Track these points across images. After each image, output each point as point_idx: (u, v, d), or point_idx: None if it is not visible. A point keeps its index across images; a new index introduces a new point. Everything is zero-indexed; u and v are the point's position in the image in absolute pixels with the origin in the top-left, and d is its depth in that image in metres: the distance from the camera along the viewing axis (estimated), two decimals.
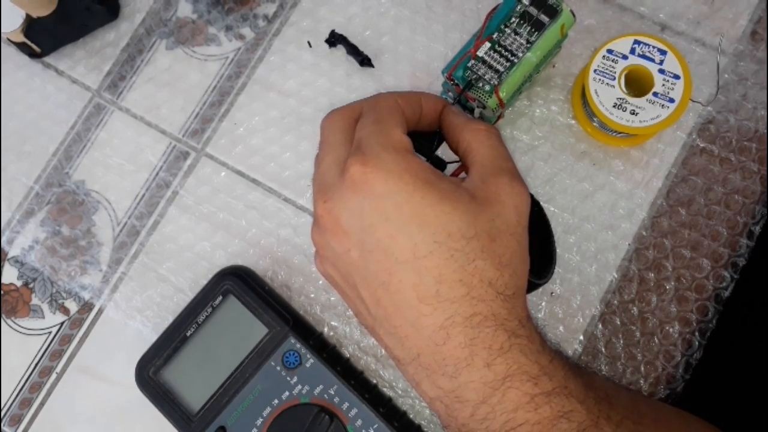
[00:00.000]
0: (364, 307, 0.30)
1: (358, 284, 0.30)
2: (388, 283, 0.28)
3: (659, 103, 0.35)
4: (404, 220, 0.28)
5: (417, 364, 0.29)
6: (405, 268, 0.28)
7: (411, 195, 0.28)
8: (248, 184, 0.42)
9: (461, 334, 0.27)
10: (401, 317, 0.28)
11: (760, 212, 0.38)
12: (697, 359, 0.37)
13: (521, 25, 0.35)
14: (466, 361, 0.27)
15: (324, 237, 0.30)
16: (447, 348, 0.28)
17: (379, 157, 0.28)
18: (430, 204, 0.28)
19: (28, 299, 0.43)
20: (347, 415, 0.36)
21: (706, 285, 0.38)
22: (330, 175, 0.30)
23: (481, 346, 0.27)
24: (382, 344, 0.31)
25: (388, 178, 0.28)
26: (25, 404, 0.42)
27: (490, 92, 0.35)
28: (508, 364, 0.27)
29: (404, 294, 0.28)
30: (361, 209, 0.28)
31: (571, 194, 0.39)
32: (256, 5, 0.45)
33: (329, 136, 0.32)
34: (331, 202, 0.29)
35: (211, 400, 0.37)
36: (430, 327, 0.28)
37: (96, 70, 0.45)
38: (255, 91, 0.43)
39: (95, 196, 0.44)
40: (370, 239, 0.28)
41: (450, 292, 0.27)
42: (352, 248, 0.29)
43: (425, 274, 0.27)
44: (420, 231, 0.28)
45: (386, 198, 0.28)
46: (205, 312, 0.38)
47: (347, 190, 0.29)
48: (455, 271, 0.27)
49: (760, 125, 0.39)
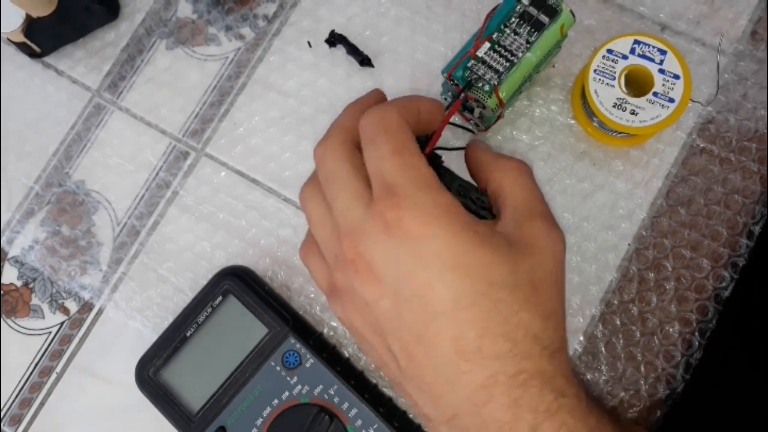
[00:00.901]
0: (393, 359, 0.28)
1: (388, 336, 0.27)
2: (424, 335, 0.26)
3: (659, 103, 0.35)
4: (444, 268, 0.25)
5: (452, 426, 0.26)
6: (444, 320, 0.25)
7: (451, 240, 0.25)
8: (248, 184, 0.42)
9: (504, 394, 0.25)
10: (437, 374, 0.26)
11: (759, 212, 0.38)
12: (697, 359, 0.37)
13: (521, 25, 0.35)
14: (509, 425, 0.25)
15: (351, 282, 0.27)
16: (488, 410, 0.25)
17: (414, 197, 0.26)
18: (471, 250, 0.25)
19: (28, 299, 0.43)
20: (347, 415, 0.36)
21: (706, 285, 0.38)
22: (353, 214, 0.27)
23: (526, 408, 0.25)
24: (410, 401, 0.28)
25: (427, 221, 0.25)
26: (25, 404, 0.42)
27: (490, 92, 0.35)
28: (555, 428, 0.25)
29: (442, 348, 0.25)
30: (397, 255, 0.26)
31: (571, 194, 0.39)
32: (256, 5, 0.45)
33: (335, 170, 0.29)
34: (363, 246, 0.26)
35: (211, 400, 0.37)
36: (469, 386, 0.25)
37: (96, 70, 0.45)
38: (255, 91, 0.43)
39: (95, 196, 0.44)
40: (406, 288, 0.26)
41: (493, 347, 0.25)
42: (384, 297, 0.26)
43: (466, 327, 0.25)
44: (461, 280, 0.25)
45: (425, 243, 0.25)
46: (205, 312, 0.38)
47: (380, 233, 0.26)
48: (499, 325, 0.25)
49: (760, 125, 0.39)
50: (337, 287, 0.29)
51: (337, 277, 0.28)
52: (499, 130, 0.40)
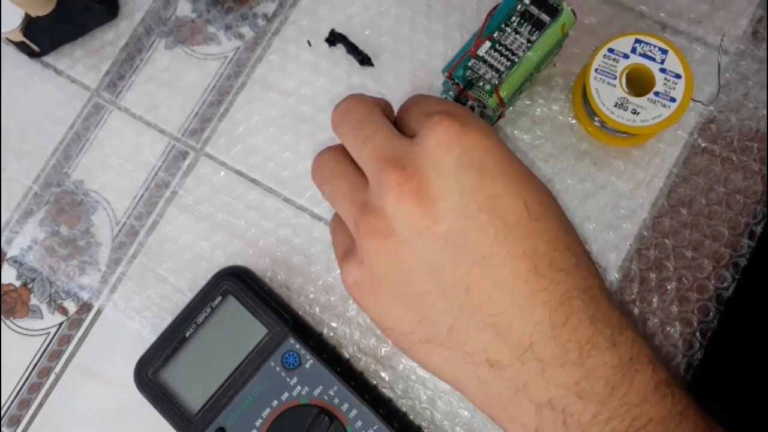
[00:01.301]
0: (440, 303, 0.25)
1: (438, 270, 0.24)
2: (492, 255, 0.23)
3: (660, 102, 0.35)
4: (512, 177, 0.24)
5: (526, 359, 0.24)
6: (516, 232, 0.23)
7: (510, 153, 0.25)
8: (248, 184, 0.42)
9: (582, 309, 0.23)
10: (506, 299, 0.24)
11: (761, 212, 0.38)
12: (698, 360, 0.37)
13: (522, 24, 0.35)
14: (591, 343, 0.23)
15: (395, 213, 0.24)
16: (568, 328, 0.23)
17: (470, 116, 0.25)
18: (526, 168, 0.25)
19: (27, 299, 0.43)
20: (347, 416, 0.35)
21: (708, 285, 0.38)
22: (395, 145, 0.25)
23: (603, 323, 0.24)
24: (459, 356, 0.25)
25: (490, 134, 0.25)
26: (24, 405, 0.41)
27: (491, 92, 0.35)
28: (629, 344, 0.24)
29: (513, 266, 0.23)
30: (458, 168, 0.24)
31: (572, 194, 0.39)
32: (256, 4, 0.44)
33: (369, 114, 0.27)
34: (413, 167, 0.24)
35: (210, 401, 0.36)
36: (547, 304, 0.23)
37: (95, 70, 0.45)
38: (254, 91, 0.43)
39: (94, 196, 0.44)
40: (471, 202, 0.23)
41: (562, 261, 0.24)
42: (440, 219, 0.24)
43: (538, 240, 0.24)
44: (528, 190, 0.24)
45: (490, 153, 0.24)
46: (204, 312, 0.38)
47: (436, 148, 0.24)
48: (564, 238, 0.24)
49: (761, 125, 0.39)
50: (362, 238, 0.25)
51: (366, 222, 0.25)
52: (499, 129, 0.40)
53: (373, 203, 0.25)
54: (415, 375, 0.38)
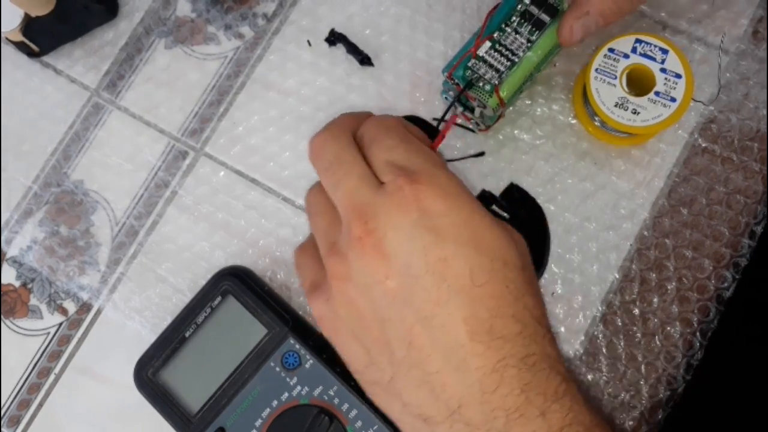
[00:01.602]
0: (385, 352, 0.26)
1: (387, 321, 0.25)
2: (433, 316, 0.24)
3: (661, 102, 0.35)
4: (462, 242, 0.24)
5: (455, 420, 0.24)
6: (458, 298, 0.24)
7: (469, 215, 0.25)
8: (247, 184, 0.42)
9: (515, 377, 0.24)
10: (442, 360, 0.24)
11: (761, 212, 0.38)
12: (698, 360, 0.37)
13: (522, 24, 0.35)
14: (519, 411, 0.24)
15: (354, 264, 0.26)
16: (498, 395, 0.24)
17: (432, 174, 0.26)
18: (488, 227, 0.25)
19: (27, 300, 0.43)
20: (347, 417, 0.35)
21: (708, 285, 0.37)
22: (363, 193, 0.26)
23: (536, 392, 0.24)
24: (398, 404, 0.26)
25: (447, 196, 0.25)
26: (23, 405, 0.41)
27: (491, 92, 0.35)
28: (563, 412, 0.24)
29: (452, 329, 0.24)
30: (412, 230, 0.25)
31: (573, 194, 0.39)
32: (256, 4, 0.44)
33: (340, 154, 0.28)
34: (374, 222, 0.25)
35: (210, 401, 0.36)
36: (480, 370, 0.24)
37: (94, 70, 0.45)
38: (254, 90, 0.43)
39: (94, 196, 0.43)
40: (419, 263, 0.24)
41: (504, 328, 0.24)
42: (391, 276, 0.25)
43: (480, 306, 0.24)
44: (478, 256, 0.24)
45: (443, 217, 0.25)
46: (204, 312, 0.38)
47: (396, 209, 0.25)
48: (510, 305, 0.24)
49: (761, 125, 0.38)
50: (329, 276, 0.27)
51: (332, 264, 0.27)
52: (500, 129, 0.40)
53: (340, 246, 0.27)
54: None
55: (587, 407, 0.25)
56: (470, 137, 0.40)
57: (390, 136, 0.28)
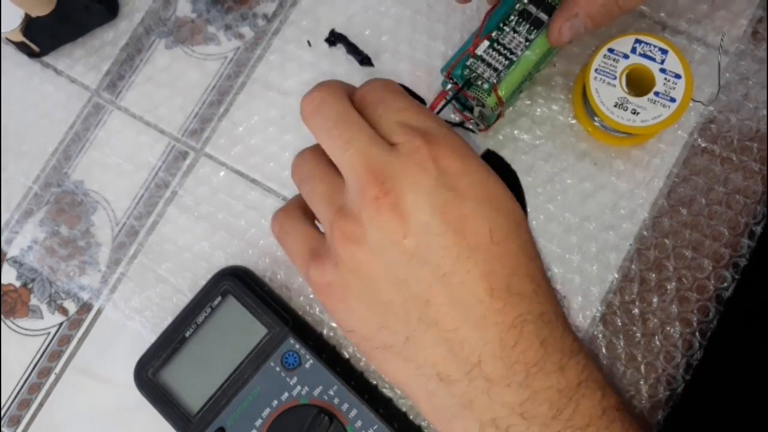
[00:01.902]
0: (399, 316, 0.25)
1: (401, 282, 0.25)
2: (453, 273, 0.24)
3: (660, 102, 0.35)
4: (480, 201, 0.25)
5: (474, 377, 0.24)
6: (477, 254, 0.24)
7: (486, 177, 0.26)
8: (247, 184, 0.42)
9: (533, 333, 0.24)
10: (461, 317, 0.24)
11: (761, 212, 0.38)
12: (698, 360, 0.37)
13: (520, 23, 0.35)
14: (538, 366, 0.24)
15: (369, 224, 0.25)
16: (517, 351, 0.24)
17: (447, 136, 0.26)
18: (501, 189, 0.26)
19: (27, 300, 0.43)
20: (347, 416, 0.35)
21: (707, 285, 0.37)
22: (378, 155, 0.25)
23: (554, 348, 0.24)
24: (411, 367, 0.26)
25: (466, 157, 0.26)
26: (23, 405, 0.42)
27: (489, 91, 0.35)
28: (579, 369, 0.24)
29: (471, 286, 0.24)
30: (431, 188, 0.25)
31: (572, 194, 0.39)
32: (256, 4, 0.44)
33: (347, 112, 0.27)
34: (391, 182, 0.25)
35: (210, 401, 0.36)
36: (499, 325, 0.24)
37: (95, 70, 0.45)
38: (254, 91, 0.43)
39: (94, 196, 0.44)
40: (438, 221, 0.24)
41: (521, 285, 0.25)
42: (409, 234, 0.25)
43: (498, 263, 0.24)
44: (496, 214, 0.25)
45: (463, 176, 0.25)
46: (204, 312, 0.38)
47: (414, 168, 0.25)
48: (524, 264, 0.25)
49: (761, 125, 0.38)
50: (336, 241, 0.26)
51: (341, 227, 0.26)
52: (499, 129, 0.40)
53: (350, 208, 0.26)
54: None
55: (599, 365, 0.26)
56: (470, 137, 0.40)
57: (398, 99, 0.28)
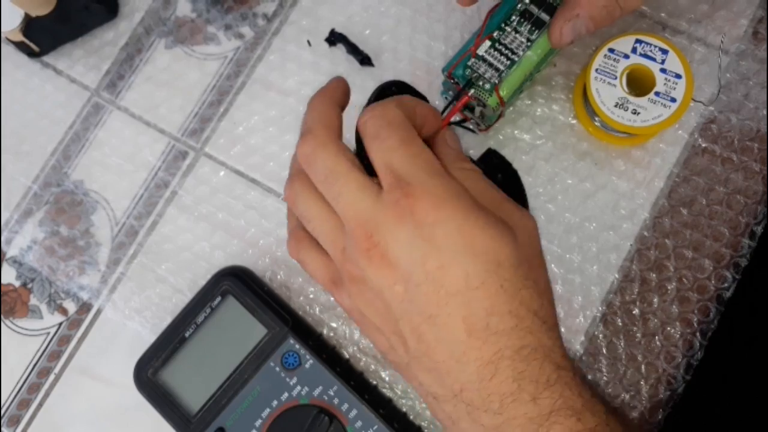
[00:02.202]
0: (401, 343, 0.29)
1: (399, 320, 0.28)
2: (436, 316, 0.27)
3: (661, 102, 0.35)
4: (456, 249, 0.26)
5: (458, 401, 0.27)
6: (455, 300, 0.26)
7: (462, 222, 0.27)
8: (247, 184, 0.42)
9: (509, 368, 0.26)
10: (445, 352, 0.27)
11: (761, 212, 0.38)
12: (698, 360, 0.37)
13: (522, 23, 0.35)
14: (513, 396, 0.26)
15: (363, 272, 0.28)
16: (494, 383, 0.26)
17: (425, 183, 0.27)
18: (480, 231, 0.27)
19: (27, 300, 0.43)
20: (347, 416, 0.35)
21: (708, 285, 0.37)
22: (363, 206, 0.28)
23: (529, 380, 0.26)
24: (415, 382, 0.30)
25: (439, 205, 0.27)
26: (23, 405, 0.41)
27: (491, 91, 0.35)
28: (553, 398, 0.26)
29: (452, 327, 0.27)
30: (411, 241, 0.27)
31: (573, 194, 0.39)
32: (256, 4, 0.44)
33: (333, 165, 0.29)
34: (377, 236, 0.27)
35: (210, 401, 0.36)
36: (477, 361, 0.27)
37: (95, 70, 0.45)
38: (254, 91, 0.43)
39: (94, 196, 0.43)
40: (418, 271, 0.27)
41: (500, 324, 0.26)
42: (397, 283, 0.27)
43: (476, 306, 0.26)
44: (472, 260, 0.26)
45: (437, 226, 0.26)
46: (204, 312, 0.38)
47: (394, 222, 0.27)
48: (505, 303, 0.26)
49: (761, 125, 0.38)
50: (345, 278, 0.30)
51: (347, 269, 0.29)
52: (500, 129, 0.40)
53: (350, 253, 0.29)
54: None
55: (580, 392, 0.27)
56: (470, 137, 0.40)
57: (390, 135, 0.28)
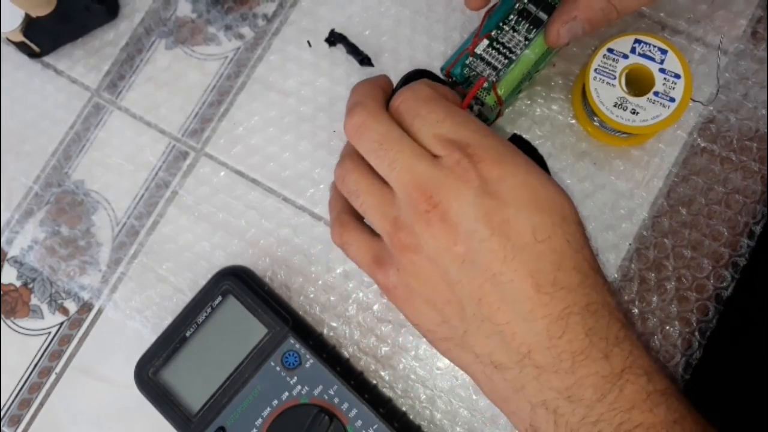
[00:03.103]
0: (456, 311, 0.28)
1: (457, 283, 0.27)
2: (501, 273, 0.26)
3: (660, 102, 0.35)
4: (522, 203, 0.26)
5: (525, 365, 0.26)
6: (523, 254, 0.26)
7: (525, 177, 0.27)
8: (248, 184, 0.42)
9: (579, 324, 0.26)
10: (511, 311, 0.26)
11: (760, 212, 0.38)
12: (697, 359, 0.37)
13: (520, 22, 0.35)
14: (585, 353, 0.25)
15: (422, 235, 0.27)
16: (564, 340, 0.26)
17: (482, 143, 0.27)
18: (543, 186, 0.27)
19: (28, 299, 0.43)
20: (347, 416, 0.36)
21: (707, 285, 0.38)
22: (422, 171, 0.28)
23: (599, 336, 0.26)
24: (470, 356, 0.28)
25: (501, 161, 0.27)
26: (24, 405, 0.42)
27: (488, 89, 0.35)
28: (624, 356, 0.26)
29: (519, 284, 0.26)
30: (474, 198, 0.26)
31: (572, 194, 0.39)
32: (256, 4, 0.44)
33: (389, 132, 0.29)
34: (437, 196, 0.27)
35: (210, 401, 0.37)
36: (546, 318, 0.26)
37: (95, 70, 0.45)
38: (254, 91, 0.43)
39: (94, 196, 0.44)
40: (483, 228, 0.26)
41: (567, 279, 0.26)
42: (459, 242, 0.27)
43: (543, 260, 0.26)
44: (539, 213, 0.26)
45: (502, 182, 0.27)
46: (205, 312, 0.38)
47: (455, 181, 0.27)
48: (571, 258, 0.26)
49: (760, 125, 0.39)
50: (396, 250, 0.29)
51: (399, 239, 0.28)
52: (499, 129, 0.40)
53: (403, 220, 0.28)
54: (414, 374, 0.39)
55: (647, 352, 0.27)
56: None
57: (432, 110, 0.29)
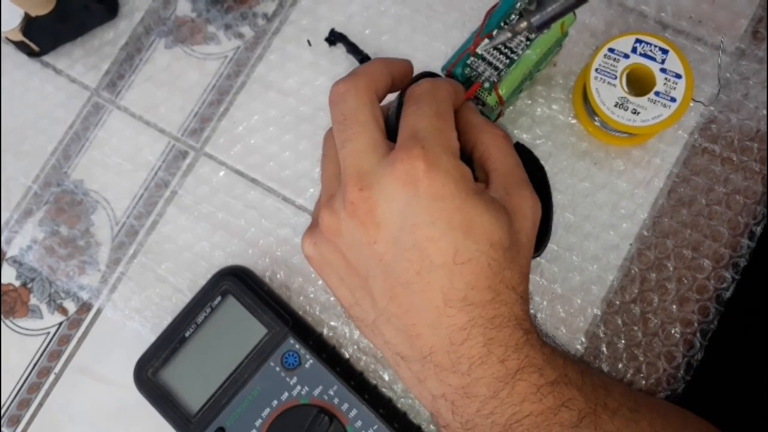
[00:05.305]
0: (368, 299, 0.29)
1: (371, 277, 0.28)
2: (413, 283, 0.27)
3: (661, 102, 0.35)
4: (452, 226, 0.27)
5: (427, 362, 0.28)
6: (439, 271, 0.27)
7: (463, 202, 0.27)
8: (247, 184, 0.42)
9: (481, 334, 0.27)
10: (418, 317, 0.28)
11: (761, 213, 0.38)
12: (698, 360, 0.37)
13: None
14: (482, 359, 0.27)
15: (345, 224, 0.28)
16: (464, 347, 0.27)
17: (440, 158, 0.27)
18: (479, 214, 0.28)
19: (27, 299, 0.43)
20: (347, 416, 0.35)
21: (708, 285, 0.37)
22: (368, 160, 0.28)
23: (498, 345, 0.27)
24: (380, 340, 0.30)
25: (447, 182, 0.27)
26: (23, 405, 0.41)
27: (490, 89, 0.35)
28: (520, 359, 0.28)
29: (429, 295, 0.27)
30: (407, 206, 0.27)
31: (572, 194, 0.39)
32: (256, 3, 0.44)
33: (357, 112, 0.29)
34: (369, 191, 0.27)
35: (210, 401, 0.36)
36: (450, 328, 0.27)
37: (94, 69, 0.45)
38: (254, 90, 0.43)
39: (94, 196, 0.43)
40: (407, 238, 0.27)
41: (478, 297, 0.27)
42: (379, 242, 0.28)
43: (458, 280, 0.27)
44: (465, 238, 0.27)
45: (440, 201, 0.27)
46: (204, 312, 0.38)
47: (396, 182, 0.27)
48: (487, 278, 0.27)
49: (761, 125, 0.38)
50: (322, 225, 0.30)
51: (324, 216, 0.29)
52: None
53: (334, 201, 0.29)
54: None
55: (542, 349, 0.28)
56: None
57: (429, 104, 0.29)
